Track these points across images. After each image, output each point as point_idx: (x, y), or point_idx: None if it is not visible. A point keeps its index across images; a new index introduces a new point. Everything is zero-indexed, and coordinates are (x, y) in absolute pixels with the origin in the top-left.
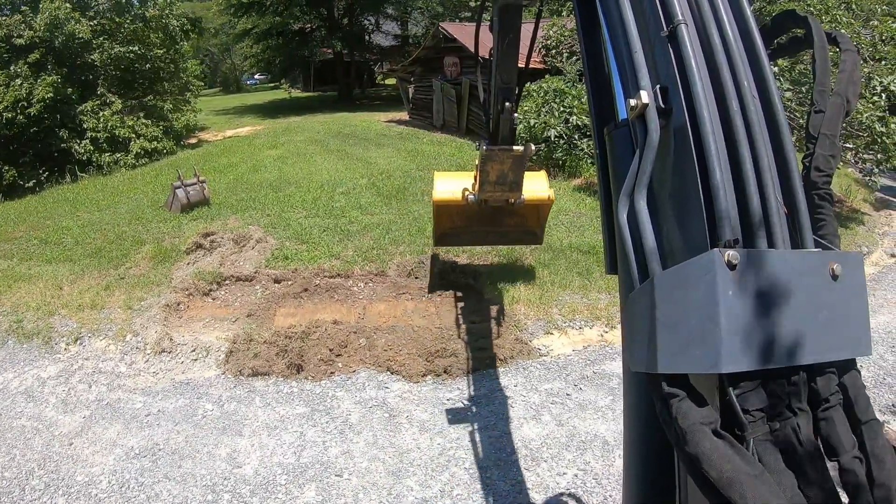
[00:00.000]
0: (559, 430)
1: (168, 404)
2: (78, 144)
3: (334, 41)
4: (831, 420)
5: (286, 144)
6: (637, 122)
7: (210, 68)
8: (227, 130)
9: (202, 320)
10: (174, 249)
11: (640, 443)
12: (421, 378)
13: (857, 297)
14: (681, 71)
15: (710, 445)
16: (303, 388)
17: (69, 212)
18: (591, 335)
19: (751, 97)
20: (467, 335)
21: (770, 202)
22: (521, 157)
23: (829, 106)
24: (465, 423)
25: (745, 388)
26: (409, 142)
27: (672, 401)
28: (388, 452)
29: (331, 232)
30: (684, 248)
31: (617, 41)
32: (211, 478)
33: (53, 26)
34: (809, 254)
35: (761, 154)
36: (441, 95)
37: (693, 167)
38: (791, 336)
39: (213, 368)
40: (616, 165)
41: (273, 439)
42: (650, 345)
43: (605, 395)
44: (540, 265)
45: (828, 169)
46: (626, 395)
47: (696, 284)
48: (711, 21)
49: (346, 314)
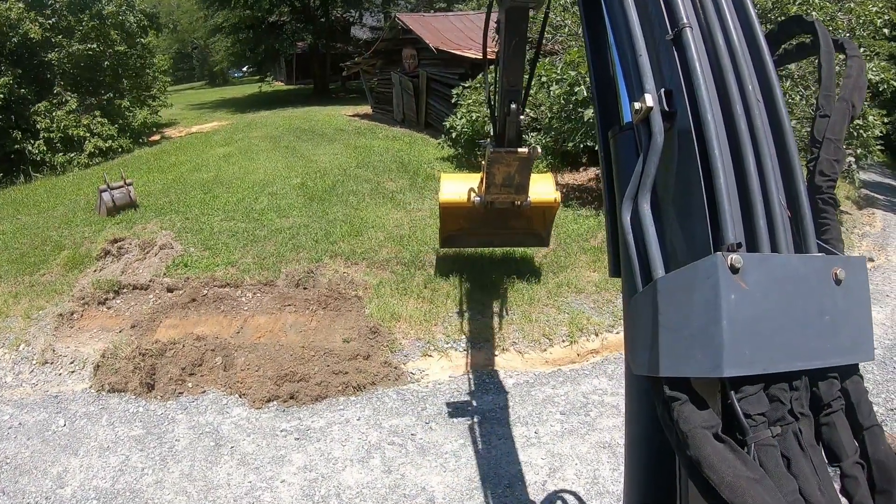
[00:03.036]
0: (384, 478)
1: (29, 418)
2: (31, 145)
3: (306, 34)
4: (833, 425)
5: (239, 141)
6: (641, 125)
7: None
8: (194, 126)
9: (90, 331)
10: (87, 256)
11: (641, 445)
12: (264, 404)
13: (859, 301)
14: (685, 75)
15: (712, 449)
16: (148, 408)
17: (11, 214)
18: (477, 359)
19: (755, 101)
20: (330, 356)
21: (774, 206)
22: (527, 159)
23: (835, 111)
24: (287, 460)
25: (746, 392)
26: (364, 137)
27: (674, 404)
28: (198, 486)
29: (238, 237)
30: (687, 251)
31: (622, 44)
32: (35, 496)
33: (6, 27)
34: (813, 258)
35: (765, 158)
36: (400, 89)
37: (697, 171)
38: (793, 340)
39: (85, 381)
40: (620, 168)
41: (101, 461)
42: (652, 348)
43: (456, 438)
44: (438, 274)
45: (832, 173)
46: (628, 398)
47: (699, 288)
48: (716, 24)
49: (226, 327)
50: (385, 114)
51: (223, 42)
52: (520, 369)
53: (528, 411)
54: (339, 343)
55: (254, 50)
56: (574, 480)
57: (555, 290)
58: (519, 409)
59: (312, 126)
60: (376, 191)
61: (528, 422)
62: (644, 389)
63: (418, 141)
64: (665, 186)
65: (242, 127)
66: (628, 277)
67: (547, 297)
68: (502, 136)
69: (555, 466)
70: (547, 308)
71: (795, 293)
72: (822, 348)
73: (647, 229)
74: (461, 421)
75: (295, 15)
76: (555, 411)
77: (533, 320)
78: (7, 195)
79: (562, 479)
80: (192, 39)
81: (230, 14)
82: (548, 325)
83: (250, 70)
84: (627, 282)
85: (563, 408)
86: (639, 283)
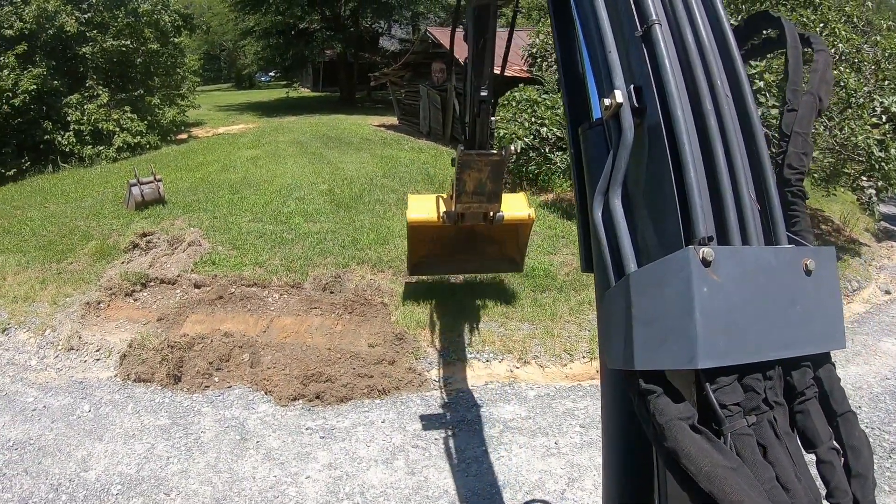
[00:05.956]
0: (407, 479)
1: (54, 401)
2: (61, 136)
3: (335, 42)
4: (808, 412)
5: (267, 145)
6: (611, 121)
7: (226, 63)
8: (221, 127)
9: (117, 321)
10: (115, 247)
11: (617, 439)
12: (290, 402)
13: (830, 291)
14: (655, 70)
15: (688, 440)
16: (174, 399)
17: (39, 202)
18: (499, 370)
19: (724, 96)
20: (356, 359)
21: (744, 199)
22: (499, 162)
23: (802, 104)
24: (312, 457)
25: (721, 383)
26: (390, 147)
27: (649, 397)
28: (223, 477)
29: (266, 239)
30: (659, 245)
31: (591, 40)
32: (59, 478)
33: (43, 19)
34: (783, 250)
35: (735, 152)
36: (427, 101)
37: (667, 165)
38: (766, 331)
39: (111, 370)
40: (590, 164)
41: (126, 447)
42: (626, 342)
43: (478, 445)
44: (464, 287)
45: (800, 166)
46: (604, 393)
47: (672, 281)
48: (685, 21)
49: (252, 326)
50: (411, 125)
51: (253, 46)
52: (541, 382)
53: (549, 422)
54: (364, 347)
55: (283, 55)
56: (592, 491)
57: (577, 308)
58: (540, 419)
59: (339, 134)
60: (402, 201)
61: (548, 432)
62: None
63: (444, 154)
64: (636, 182)
65: (270, 131)
66: (601, 272)
67: (569, 313)
68: (472, 139)
69: (573, 476)
70: (568, 324)
71: (767, 284)
72: (794, 338)
73: (619, 224)
74: (483, 429)
75: (325, 23)
76: (574, 424)
77: (555, 335)
78: (35, 184)
79: (580, 488)
80: (221, 42)
81: (262, 18)
82: (569, 341)
83: (277, 75)
84: (600, 277)
85: (582, 421)
86: (611, 278)
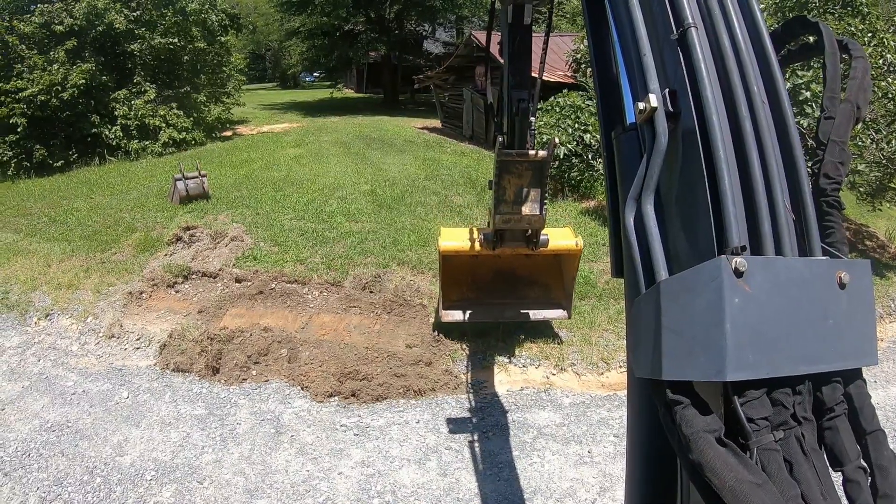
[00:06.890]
0: (439, 480)
1: (93, 387)
2: (108, 130)
3: (379, 45)
4: (836, 429)
5: (310, 144)
6: (645, 125)
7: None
8: (265, 126)
9: (158, 311)
10: (158, 240)
11: (642, 448)
12: (326, 398)
13: (864, 305)
14: (690, 75)
15: (714, 453)
16: (211, 390)
17: (85, 193)
18: (535, 376)
19: (760, 102)
20: (393, 359)
21: (778, 209)
22: (541, 165)
23: (839, 112)
24: (345, 454)
25: (749, 396)
26: (432, 150)
27: (676, 408)
28: (256, 469)
29: (307, 236)
30: (691, 253)
31: (626, 43)
32: (94, 461)
33: (92, 16)
34: (817, 261)
35: (770, 160)
36: (471, 105)
37: (701, 172)
38: (797, 344)
39: (150, 359)
40: (623, 169)
41: (162, 435)
42: (655, 350)
43: (512, 449)
44: None
45: (837, 176)
46: (630, 400)
47: (703, 291)
48: (721, 24)
49: (291, 322)
50: (454, 129)
51: (298, 46)
52: (576, 390)
53: (583, 431)
54: (402, 348)
55: (327, 56)
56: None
57: (615, 317)
58: (574, 427)
59: (382, 135)
60: (444, 204)
61: (582, 441)
62: (646, 392)
63: (486, 158)
64: (669, 187)
65: (313, 130)
66: (631, 279)
67: (607, 322)
68: (511, 140)
69: (605, 486)
70: (607, 333)
71: (799, 297)
72: (825, 352)
73: (651, 231)
74: (517, 434)
75: (370, 25)
76: (609, 433)
77: (592, 344)
78: (82, 175)
79: (611, 499)
80: (266, 42)
81: (307, 19)
82: (606, 350)
83: (321, 75)
84: (630, 283)
85: (616, 430)
86: (642, 285)
